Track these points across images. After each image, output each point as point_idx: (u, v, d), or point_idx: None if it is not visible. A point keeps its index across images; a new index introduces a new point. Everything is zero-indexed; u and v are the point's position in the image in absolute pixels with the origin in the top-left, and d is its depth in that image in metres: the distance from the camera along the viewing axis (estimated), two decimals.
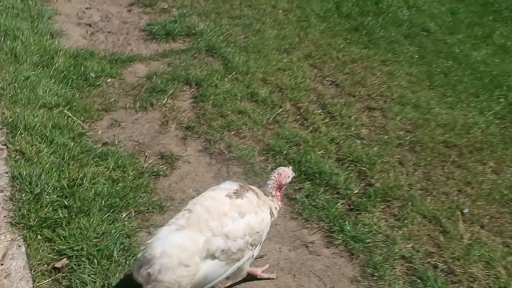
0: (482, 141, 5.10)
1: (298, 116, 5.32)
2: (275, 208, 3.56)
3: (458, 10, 7.50)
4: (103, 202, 4.04)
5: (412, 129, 5.21)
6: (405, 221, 4.18)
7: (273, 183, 3.57)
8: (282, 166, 3.76)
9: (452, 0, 7.79)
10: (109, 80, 5.67)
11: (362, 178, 4.59)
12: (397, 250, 3.93)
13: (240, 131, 5.06)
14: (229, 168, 4.63)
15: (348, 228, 4.06)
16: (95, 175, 4.28)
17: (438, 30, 6.98)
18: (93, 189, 4.13)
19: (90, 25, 6.79)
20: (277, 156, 4.72)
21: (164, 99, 5.41)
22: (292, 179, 3.71)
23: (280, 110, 5.36)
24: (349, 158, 4.76)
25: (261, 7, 7.38)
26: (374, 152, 4.86)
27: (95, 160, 4.48)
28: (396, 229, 4.11)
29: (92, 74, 5.64)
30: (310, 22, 7.06)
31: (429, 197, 4.44)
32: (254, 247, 3.36)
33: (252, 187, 3.51)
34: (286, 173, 3.61)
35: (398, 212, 4.27)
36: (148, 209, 4.12)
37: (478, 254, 3.93)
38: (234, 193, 3.32)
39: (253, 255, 3.40)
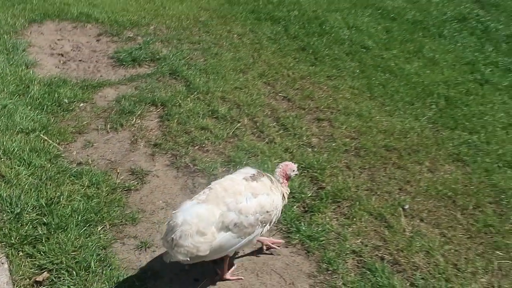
0: (418, 144, 5.16)
1: (255, 129, 5.31)
2: (286, 192, 3.73)
3: (392, 29, 7.59)
4: (80, 217, 3.96)
5: (357, 136, 5.24)
6: (354, 219, 4.20)
7: (280, 171, 3.73)
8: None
9: (387, 20, 7.89)
10: (81, 104, 5.57)
11: (314, 183, 4.60)
12: (348, 246, 3.94)
13: (203, 145, 5.02)
14: (194, 180, 4.59)
15: (303, 228, 4.07)
16: (71, 193, 4.20)
17: (375, 47, 7.06)
18: (69, 206, 4.05)
19: (62, 55, 6.66)
20: (238, 167, 4.68)
21: (132, 119, 5.34)
22: (296, 175, 3.85)
23: (239, 124, 5.34)
24: (302, 165, 4.76)
25: (217, 33, 7.36)
26: (324, 159, 4.88)
27: (70, 179, 4.39)
28: (346, 226, 4.13)
29: (66, 100, 5.54)
30: (262, 44, 7.07)
31: (374, 196, 4.47)
32: (264, 224, 3.50)
33: (267, 174, 3.65)
34: (291, 166, 3.78)
35: (348, 211, 4.28)
36: (121, 221, 4.06)
37: (419, 245, 3.96)
38: (250, 176, 3.51)
39: (262, 232, 3.52)
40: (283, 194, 3.68)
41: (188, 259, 3.22)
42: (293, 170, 3.78)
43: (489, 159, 4.97)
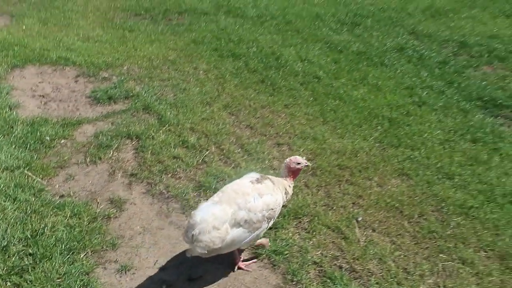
0: (367, 162, 5.21)
1: (222, 156, 5.29)
2: (289, 186, 3.88)
3: (339, 60, 7.70)
4: (63, 246, 3.87)
5: (313, 157, 5.27)
6: (314, 233, 4.21)
7: (285, 166, 3.90)
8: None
9: (334, 52, 8.00)
10: (62, 141, 5.47)
11: None
12: (309, 258, 3.95)
13: (175, 173, 4.98)
14: (168, 205, 4.54)
15: (269, 244, 4.05)
16: (54, 224, 4.10)
17: (326, 77, 7.13)
18: (53, 236, 3.96)
19: (43, 96, 6.55)
20: (208, 191, 4.67)
21: (110, 152, 5.26)
22: (305, 166, 3.94)
23: (207, 152, 5.32)
24: None
25: (185, 70, 7.36)
26: None
27: (54, 211, 4.30)
28: (307, 240, 4.14)
29: (47, 138, 5.43)
30: (226, 79, 7.09)
31: (331, 211, 4.49)
32: (269, 220, 3.69)
33: (269, 176, 3.82)
34: (296, 159, 3.89)
35: (308, 226, 4.29)
36: (102, 247, 3.98)
37: (372, 253, 4.00)
38: (256, 180, 3.70)
39: (267, 227, 3.73)
40: (285, 189, 3.84)
41: (206, 252, 3.41)
42: (298, 163, 3.87)
43: (429, 172, 5.05)
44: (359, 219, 4.41)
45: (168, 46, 8.25)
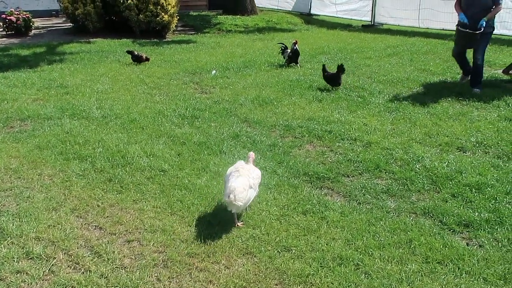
0: (214, 246, 5.18)
1: (71, 262, 4.89)
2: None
3: (182, 152, 7.77)
4: None
5: (163, 250, 5.13)
6: None
7: (251, 159, 5.82)
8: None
9: (178, 145, 8.07)
10: None
11: None
12: None
13: None
14: None
15: None
16: None
17: (171, 169, 7.11)
18: None
19: None
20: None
21: None
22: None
23: (54, 261, 4.89)
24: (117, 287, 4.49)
25: (29, 177, 6.83)
26: (136, 276, 4.67)
27: None
28: None
29: None
30: (72, 181, 6.71)
31: None
32: (259, 182, 5.67)
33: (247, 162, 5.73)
34: (253, 155, 5.91)
35: None
36: None
37: None
38: (245, 163, 5.67)
39: (258, 189, 5.67)
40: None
41: (242, 204, 5.18)
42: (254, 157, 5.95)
43: (270, 247, 5.19)
44: None
45: (10, 155, 7.64)
